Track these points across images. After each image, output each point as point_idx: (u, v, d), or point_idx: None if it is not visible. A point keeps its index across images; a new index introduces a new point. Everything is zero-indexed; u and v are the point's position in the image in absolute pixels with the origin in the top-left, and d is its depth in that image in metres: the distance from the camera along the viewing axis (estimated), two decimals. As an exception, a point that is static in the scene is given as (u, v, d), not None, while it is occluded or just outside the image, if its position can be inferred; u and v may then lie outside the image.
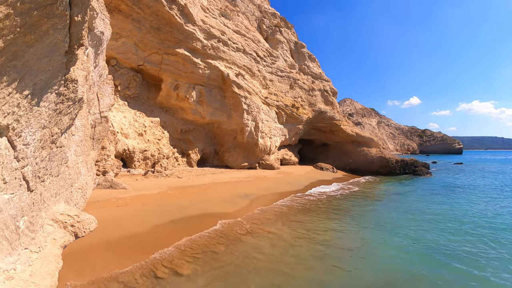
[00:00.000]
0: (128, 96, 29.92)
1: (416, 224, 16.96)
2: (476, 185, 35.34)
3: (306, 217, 17.75)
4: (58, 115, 6.48)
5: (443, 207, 22.06)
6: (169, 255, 10.87)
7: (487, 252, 12.29)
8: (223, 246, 12.09)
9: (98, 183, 19.17)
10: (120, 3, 26.18)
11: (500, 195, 28.36)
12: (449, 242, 13.61)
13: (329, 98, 56.27)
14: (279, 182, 30.91)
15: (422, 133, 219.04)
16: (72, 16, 5.28)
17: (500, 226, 16.87)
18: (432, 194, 28.70)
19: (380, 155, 51.40)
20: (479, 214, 19.83)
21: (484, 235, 14.92)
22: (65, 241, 7.33)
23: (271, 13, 51.57)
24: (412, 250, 12.49)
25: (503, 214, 20.15)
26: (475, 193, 29.67)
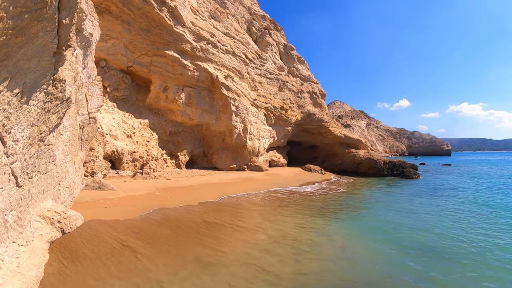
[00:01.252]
0: (117, 98, 29.95)
1: (399, 224, 17.25)
2: (464, 186, 35.85)
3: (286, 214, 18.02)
4: (46, 113, 6.68)
5: (428, 208, 22.40)
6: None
7: (475, 252, 12.58)
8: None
9: (86, 184, 19.24)
10: (110, 4, 26.27)
11: (487, 195, 28.89)
12: (432, 241, 13.89)
13: (317, 100, 56.71)
14: (267, 183, 31.11)
15: (411, 135, 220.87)
16: (61, 19, 5.52)
17: (487, 225, 17.27)
18: (418, 195, 29.06)
19: (368, 156, 51.78)
20: (466, 215, 20.22)
21: (471, 235, 15.26)
22: (52, 237, 7.54)
23: (260, 15, 51.88)
24: (394, 249, 12.75)
25: (489, 214, 20.60)
26: (462, 193, 30.13)
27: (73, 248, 10.39)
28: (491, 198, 26.81)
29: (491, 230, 15.91)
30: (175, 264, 9.98)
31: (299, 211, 19.54)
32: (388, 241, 13.69)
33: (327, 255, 11.83)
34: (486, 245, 13.09)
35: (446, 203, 23.99)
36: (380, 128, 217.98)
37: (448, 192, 30.60)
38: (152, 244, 11.52)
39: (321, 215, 18.85)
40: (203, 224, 14.70)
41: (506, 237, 14.44)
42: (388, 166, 49.18)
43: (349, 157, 53.43)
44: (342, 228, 15.87)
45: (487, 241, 13.79)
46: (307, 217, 17.85)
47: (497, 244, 13.32)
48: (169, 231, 13.21)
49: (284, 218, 17.22)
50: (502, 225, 16.95)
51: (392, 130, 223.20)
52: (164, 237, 12.38)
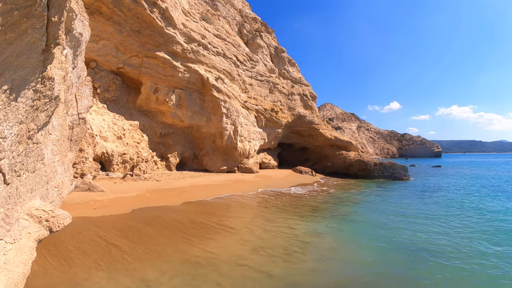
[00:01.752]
0: (107, 99, 29.84)
1: (387, 226, 17.39)
2: (453, 188, 36.19)
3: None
4: (35, 111, 6.70)
5: (416, 210, 22.59)
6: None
7: (465, 252, 12.73)
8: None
9: (76, 186, 19.20)
10: (101, 5, 26.17)
11: (476, 198, 29.21)
12: (423, 242, 14.05)
13: (308, 102, 57.01)
14: (258, 185, 31.19)
15: (401, 137, 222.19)
16: (50, 17, 5.56)
17: (476, 226, 17.48)
18: (408, 196, 29.28)
19: (358, 158, 52.03)
20: (455, 215, 20.45)
21: (459, 235, 15.45)
22: (40, 235, 7.55)
23: (252, 17, 52.08)
24: (384, 251, 12.88)
25: (477, 214, 20.85)
26: (451, 195, 30.42)
27: (61, 247, 10.43)
28: (479, 200, 27.07)
29: (477, 232, 16.11)
30: (162, 263, 10.00)
31: (289, 212, 19.63)
32: (376, 243, 13.81)
33: (317, 256, 11.93)
34: (470, 250, 13.22)
35: (434, 205, 24.21)
36: (370, 131, 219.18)
37: (437, 194, 30.91)
38: (139, 243, 11.58)
39: (311, 216, 18.96)
40: (190, 224, 14.76)
41: (487, 242, 14.57)
42: (378, 167, 49.41)
43: (339, 159, 53.69)
44: (331, 229, 15.98)
45: (471, 245, 13.93)
46: (297, 219, 17.94)
47: (480, 250, 13.47)
48: (155, 231, 13.26)
49: (274, 219, 17.30)
50: (488, 228, 17.12)
51: (383, 132, 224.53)
52: (151, 237, 12.44)
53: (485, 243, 13.86)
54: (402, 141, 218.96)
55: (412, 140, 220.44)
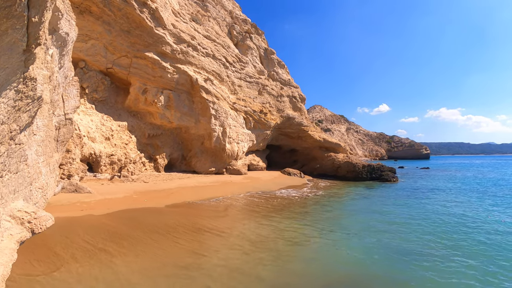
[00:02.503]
0: (95, 99, 29.61)
1: (376, 227, 17.56)
2: (440, 190, 36.59)
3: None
4: (17, 112, 6.64)
5: (405, 210, 22.82)
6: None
7: (449, 255, 12.86)
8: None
9: (62, 187, 19.03)
10: (91, 4, 25.94)
11: (463, 198, 29.59)
12: (409, 244, 14.22)
13: (297, 104, 57.21)
14: (246, 187, 31.27)
15: (390, 139, 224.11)
16: (30, 17, 5.53)
17: (462, 228, 17.68)
18: (396, 198, 29.57)
19: (347, 160, 52.32)
20: (442, 217, 20.67)
21: (447, 237, 15.63)
22: (22, 237, 7.49)
23: (242, 19, 52.13)
24: (372, 252, 12.99)
25: (465, 215, 21.11)
26: (439, 196, 30.79)
27: (44, 249, 10.33)
28: (467, 202, 27.37)
29: (463, 233, 16.31)
30: (151, 267, 9.96)
31: (277, 215, 19.69)
32: (363, 244, 13.92)
33: (306, 258, 12.00)
34: (454, 252, 13.39)
35: (421, 208, 24.43)
36: (359, 133, 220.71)
37: (424, 196, 31.25)
38: (127, 247, 11.48)
39: (298, 218, 19.05)
40: (180, 227, 14.70)
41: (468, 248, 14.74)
42: (366, 169, 49.75)
43: (328, 160, 53.97)
44: (320, 231, 16.06)
45: (454, 247, 14.13)
46: (285, 221, 18.02)
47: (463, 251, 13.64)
48: (144, 234, 13.18)
49: (262, 223, 17.34)
50: (472, 233, 17.30)
51: (372, 134, 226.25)
52: (140, 240, 12.36)
53: (468, 245, 14.06)
54: (391, 143, 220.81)
55: (400, 142, 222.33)
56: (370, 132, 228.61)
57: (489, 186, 40.55)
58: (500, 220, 19.51)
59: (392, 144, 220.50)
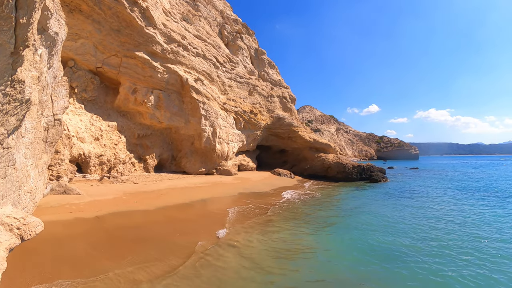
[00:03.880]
0: (85, 99, 29.54)
1: (368, 227, 17.98)
2: (429, 190, 37.35)
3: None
4: (4, 115, 6.73)
5: (395, 211, 23.30)
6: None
7: (439, 254, 13.29)
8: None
9: (51, 189, 18.99)
10: (81, 3, 25.80)
11: (451, 198, 30.21)
12: (401, 245, 14.68)
13: (287, 105, 57.61)
14: (236, 187, 31.54)
15: (379, 140, 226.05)
16: (18, 18, 5.61)
17: (450, 227, 18.18)
18: (386, 198, 30.14)
19: (337, 160, 52.85)
20: (431, 216, 21.20)
21: (436, 237, 16.06)
22: (11, 244, 7.48)
23: (233, 19, 52.31)
24: (364, 252, 13.39)
25: (454, 215, 21.67)
26: (427, 196, 31.42)
27: (34, 256, 10.36)
28: (455, 203, 27.90)
29: (450, 234, 16.75)
30: (142, 275, 10.08)
31: (269, 216, 19.96)
32: (353, 246, 14.28)
33: (296, 260, 12.33)
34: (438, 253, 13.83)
35: (409, 208, 25.07)
36: (349, 133, 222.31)
37: (414, 195, 32.22)
38: (120, 256, 11.50)
39: (287, 219, 19.38)
40: (172, 232, 14.84)
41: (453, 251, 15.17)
42: (356, 170, 50.40)
43: (318, 161, 54.44)
44: (308, 232, 16.40)
45: (441, 246, 14.61)
46: (276, 222, 18.36)
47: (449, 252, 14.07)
48: (133, 239, 13.31)
49: (250, 224, 17.63)
50: (460, 234, 17.74)
51: (361, 134, 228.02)
52: (130, 249, 12.26)
53: (455, 245, 14.53)
54: (381, 144, 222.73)
55: (390, 142, 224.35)
56: (360, 132, 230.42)
57: (477, 186, 41.35)
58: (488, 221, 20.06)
59: (381, 145, 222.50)
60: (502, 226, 18.83)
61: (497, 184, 44.01)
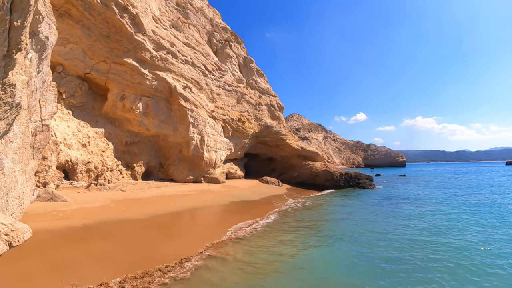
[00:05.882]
0: (73, 105, 29.48)
1: (355, 235, 18.34)
2: (416, 197, 38.04)
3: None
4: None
5: (381, 219, 23.74)
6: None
7: (426, 261, 13.66)
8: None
9: (38, 195, 18.91)
10: (71, 7, 25.79)
11: (436, 204, 30.81)
12: (390, 252, 15.06)
13: (275, 113, 58.11)
14: (224, 195, 31.82)
15: (367, 148, 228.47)
16: (12, 21, 5.72)
17: (436, 231, 18.65)
18: (373, 205, 30.57)
19: (324, 168, 53.44)
20: (417, 224, 21.61)
21: (424, 242, 16.45)
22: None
23: (222, 27, 52.72)
24: (353, 260, 13.72)
25: (439, 220, 22.17)
26: (415, 203, 32.02)
27: (21, 263, 10.38)
28: (443, 210, 28.46)
29: (434, 241, 17.18)
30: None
31: (260, 227, 20.23)
32: (340, 253, 14.62)
33: (284, 266, 12.59)
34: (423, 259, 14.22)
35: (396, 215, 25.58)
36: (337, 141, 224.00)
37: (401, 201, 32.84)
38: (110, 266, 11.57)
39: (275, 228, 19.62)
40: (158, 241, 14.97)
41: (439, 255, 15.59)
42: (344, 177, 51.11)
43: (306, 169, 54.94)
44: (296, 238, 16.70)
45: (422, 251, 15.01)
46: (267, 232, 18.57)
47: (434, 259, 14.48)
48: (118, 246, 13.42)
49: (246, 238, 17.83)
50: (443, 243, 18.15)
51: (349, 142, 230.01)
52: (113, 255, 12.48)
53: (442, 251, 15.01)
54: (368, 151, 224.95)
55: (377, 150, 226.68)
56: (347, 140, 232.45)
57: (462, 193, 42.05)
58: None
59: (369, 152, 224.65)
60: (485, 232, 19.34)
61: (483, 191, 44.83)
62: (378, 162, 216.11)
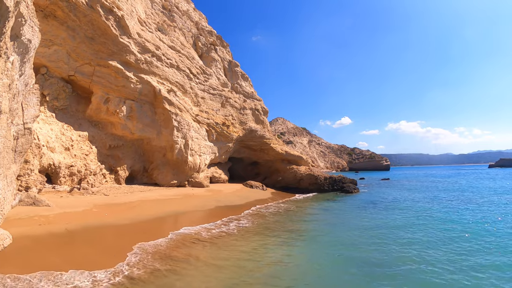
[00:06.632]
0: (56, 108, 29.31)
1: (335, 238, 18.67)
2: (400, 200, 38.81)
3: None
4: (-27, 124, 6.85)
5: (365, 222, 24.11)
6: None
7: (409, 263, 14.01)
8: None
9: (20, 200, 18.80)
10: (56, 8, 25.78)
11: (420, 208, 31.44)
12: (372, 254, 15.39)
13: (260, 117, 58.50)
14: (208, 200, 32.00)
15: (351, 151, 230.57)
16: None
17: (419, 234, 19.11)
18: (357, 209, 31.05)
19: (309, 172, 53.96)
20: (400, 226, 22.09)
21: (406, 246, 16.85)
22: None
23: (208, 31, 53.03)
24: (337, 263, 14.04)
25: (421, 224, 22.66)
26: (398, 206, 32.57)
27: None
28: (423, 213, 29.07)
29: (417, 243, 17.56)
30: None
31: (242, 231, 20.46)
32: (325, 257, 14.94)
33: (268, 270, 12.84)
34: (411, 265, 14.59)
35: (378, 218, 26.03)
36: (321, 145, 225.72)
37: (384, 206, 33.15)
38: (83, 267, 11.49)
39: (258, 233, 19.88)
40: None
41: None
42: (328, 181, 51.68)
43: (290, 173, 55.35)
44: (280, 242, 17.01)
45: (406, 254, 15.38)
46: (250, 236, 18.83)
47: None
48: (100, 252, 13.48)
49: (228, 245, 18.00)
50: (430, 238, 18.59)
51: (333, 146, 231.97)
52: (95, 260, 12.49)
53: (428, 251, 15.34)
54: (352, 155, 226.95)
55: (362, 154, 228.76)
56: (332, 144, 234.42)
57: (445, 196, 42.91)
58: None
59: (353, 156, 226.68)
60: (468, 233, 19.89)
61: (466, 193, 45.79)
62: (363, 166, 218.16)
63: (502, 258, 14.70)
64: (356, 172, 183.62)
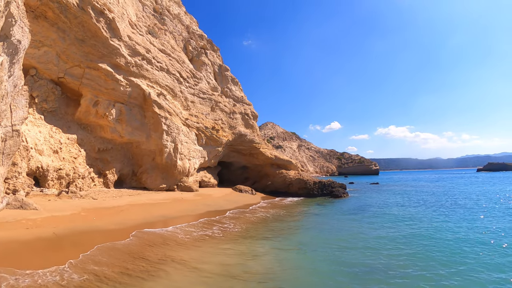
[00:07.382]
0: (45, 110, 29.18)
1: (325, 243, 18.84)
2: (388, 204, 39.01)
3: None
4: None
5: (355, 228, 24.28)
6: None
7: (399, 268, 14.19)
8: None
9: (7, 203, 18.73)
10: (47, 9, 25.71)
11: (409, 212, 31.77)
12: (362, 259, 15.56)
13: (249, 122, 58.76)
14: (197, 204, 32.08)
15: (340, 156, 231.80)
16: None
17: (411, 238, 19.37)
18: (346, 214, 31.27)
19: (298, 177, 54.23)
20: (389, 231, 22.32)
21: (396, 250, 17.06)
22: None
23: (198, 34, 53.23)
24: (326, 269, 14.18)
25: (409, 229, 22.92)
26: (387, 211, 32.88)
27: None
28: (412, 216, 29.61)
29: (404, 247, 17.82)
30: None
31: (233, 235, 20.55)
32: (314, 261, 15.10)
33: (257, 274, 12.97)
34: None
35: (366, 223, 26.34)
36: (311, 150, 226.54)
37: (373, 210, 33.57)
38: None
39: (247, 237, 20.01)
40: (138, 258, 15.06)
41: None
42: (318, 186, 51.95)
43: (280, 177, 55.57)
44: (268, 248, 17.15)
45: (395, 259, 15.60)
46: (237, 241, 18.95)
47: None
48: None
49: (207, 244, 18.08)
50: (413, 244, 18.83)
51: (323, 151, 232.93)
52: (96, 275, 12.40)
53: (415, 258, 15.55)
54: (342, 160, 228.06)
55: (351, 158, 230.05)
56: (321, 149, 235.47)
57: (433, 200, 43.27)
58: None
59: (342, 161, 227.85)
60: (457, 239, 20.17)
61: (455, 198, 46.27)
62: (352, 170, 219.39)
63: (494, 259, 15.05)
64: (346, 176, 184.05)
